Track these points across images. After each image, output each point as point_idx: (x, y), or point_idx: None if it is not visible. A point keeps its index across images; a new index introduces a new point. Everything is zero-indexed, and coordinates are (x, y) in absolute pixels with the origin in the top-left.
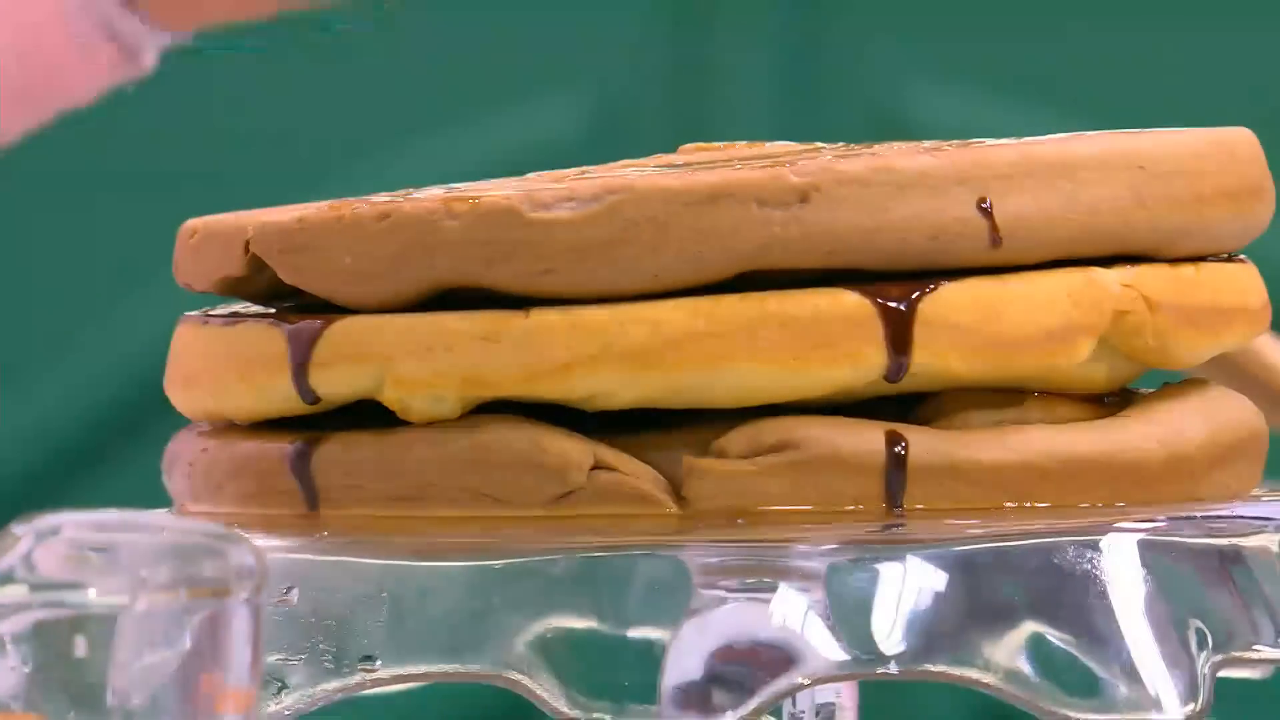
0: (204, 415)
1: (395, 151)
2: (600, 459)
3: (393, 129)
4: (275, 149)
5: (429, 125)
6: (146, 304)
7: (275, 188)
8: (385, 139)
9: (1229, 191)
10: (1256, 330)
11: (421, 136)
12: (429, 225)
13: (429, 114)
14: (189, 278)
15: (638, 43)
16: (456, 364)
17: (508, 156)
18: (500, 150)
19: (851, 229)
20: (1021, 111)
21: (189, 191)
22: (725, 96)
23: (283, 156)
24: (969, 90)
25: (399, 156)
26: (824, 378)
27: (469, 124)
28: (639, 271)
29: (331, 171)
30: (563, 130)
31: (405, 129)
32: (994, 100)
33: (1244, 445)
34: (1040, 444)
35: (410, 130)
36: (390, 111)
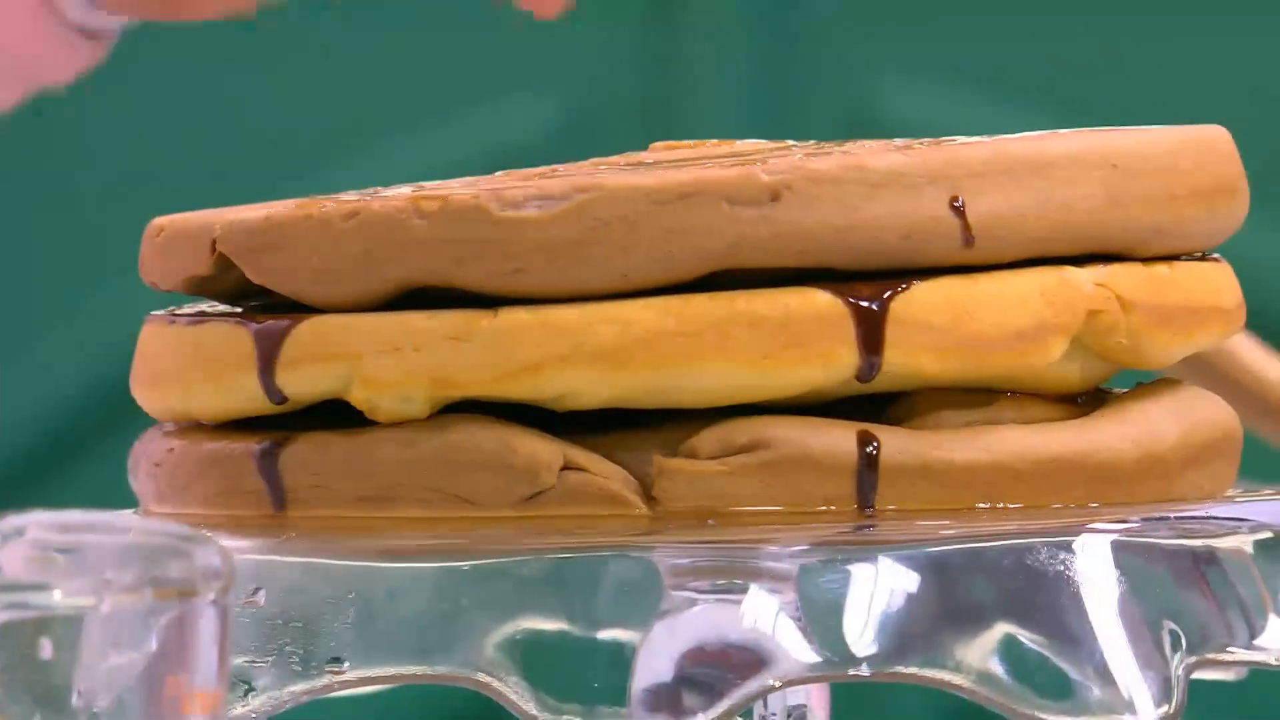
0: (170, 415)
1: (363, 150)
2: (570, 459)
3: (361, 128)
4: (243, 147)
5: (398, 124)
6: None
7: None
8: (354, 138)
9: (1203, 190)
10: (1230, 330)
11: (390, 135)
12: (397, 224)
13: (398, 112)
14: (155, 276)
15: (608, 40)
16: (425, 364)
17: (477, 155)
18: (469, 149)
19: (823, 228)
20: (995, 109)
21: (155, 189)
22: (696, 94)
23: (250, 155)
24: (942, 87)
25: (367, 155)
26: (795, 377)
27: (438, 122)
28: (609, 271)
29: (299, 170)
30: (532, 128)
31: (374, 127)
32: (968, 98)
33: (1218, 445)
34: (1013, 444)
35: (379, 129)
36: (359, 110)
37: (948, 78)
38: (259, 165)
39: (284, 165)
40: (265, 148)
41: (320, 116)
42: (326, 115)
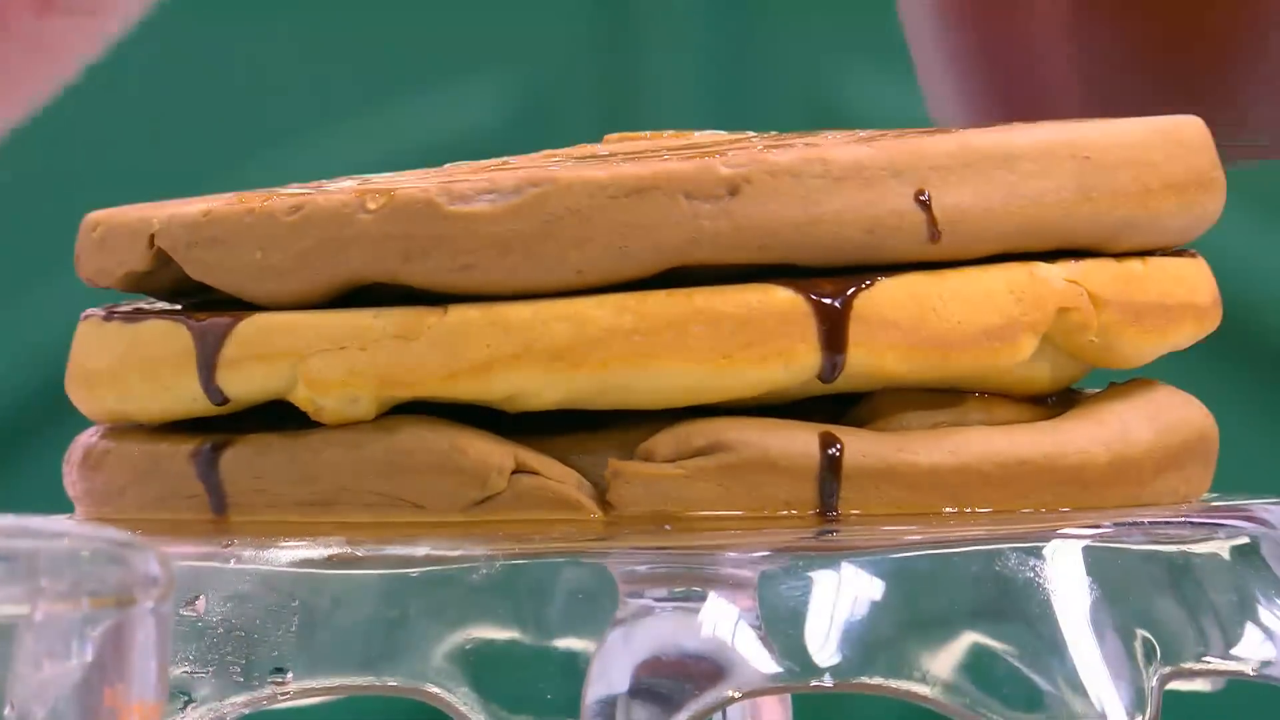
0: (107, 416)
1: (305, 139)
2: (522, 462)
3: (303, 115)
4: (179, 138)
5: (341, 111)
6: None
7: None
8: (295, 126)
9: (1177, 183)
10: (1206, 328)
11: (333, 123)
12: (342, 219)
13: (341, 99)
14: (91, 273)
15: (561, 25)
16: (371, 363)
17: (424, 145)
18: (416, 138)
19: (783, 222)
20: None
21: (90, 184)
22: (653, 81)
23: (187, 146)
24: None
25: (309, 145)
26: (755, 377)
27: (383, 110)
28: (562, 267)
29: (238, 161)
30: (482, 117)
31: (316, 115)
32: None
33: (1193, 448)
34: (980, 446)
35: (321, 116)
36: (300, 96)
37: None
38: (197, 157)
39: (221, 156)
40: (203, 138)
41: (257, 105)
42: (264, 103)
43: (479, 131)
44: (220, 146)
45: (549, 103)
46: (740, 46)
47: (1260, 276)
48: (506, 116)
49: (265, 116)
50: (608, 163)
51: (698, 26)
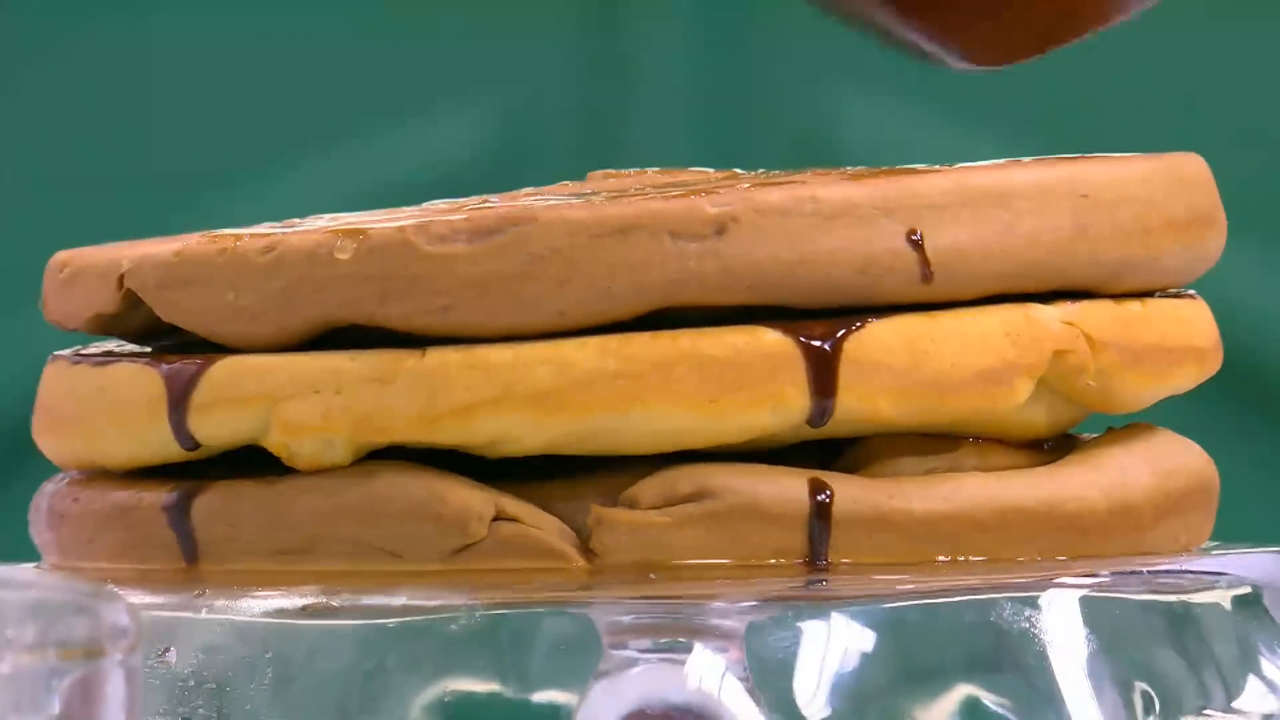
0: (75, 463)
1: (278, 175)
2: (502, 509)
3: (275, 149)
4: (148, 173)
5: (314, 145)
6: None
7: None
8: (266, 161)
9: (1178, 222)
10: (1206, 372)
11: (306, 157)
12: (317, 259)
13: (314, 132)
14: (59, 315)
15: (543, 56)
16: (347, 407)
17: (401, 181)
18: (393, 174)
19: (772, 263)
20: (957, 132)
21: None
22: (638, 114)
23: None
24: (901, 109)
25: (281, 181)
26: (743, 422)
27: (358, 144)
28: (544, 308)
29: (208, 198)
30: (461, 152)
31: (288, 149)
32: (927, 120)
33: (1194, 495)
34: (975, 493)
35: (294, 151)
36: (271, 130)
37: (906, 98)
38: (165, 194)
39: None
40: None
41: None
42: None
43: (458, 165)
44: (190, 182)
45: (530, 136)
46: (728, 79)
47: (1262, 318)
48: (486, 150)
49: (235, 151)
50: (591, 201)
51: (684, 59)
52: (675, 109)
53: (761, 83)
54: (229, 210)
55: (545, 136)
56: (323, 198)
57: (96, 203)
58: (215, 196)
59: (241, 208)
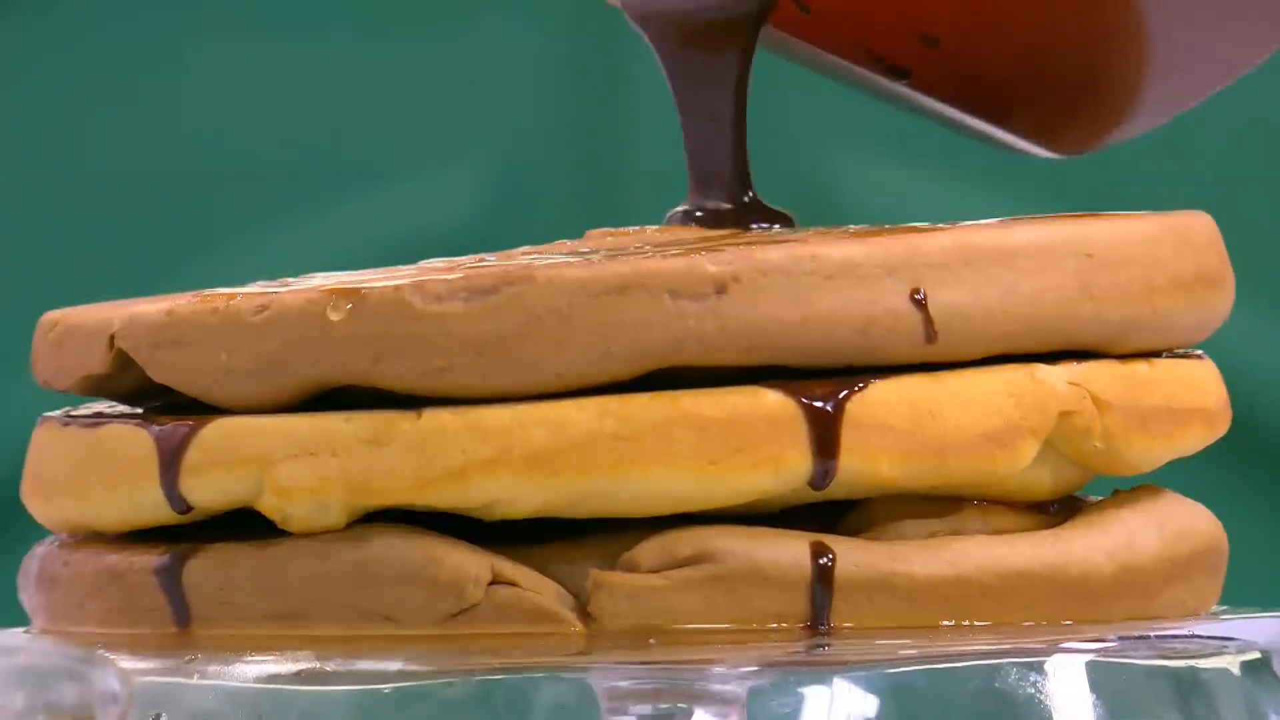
0: (65, 526)
1: (271, 234)
2: (499, 573)
3: (268, 208)
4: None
5: (308, 204)
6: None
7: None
8: (260, 220)
9: (1185, 281)
10: (1214, 433)
11: (300, 217)
12: (311, 319)
13: (308, 191)
14: (49, 375)
15: (539, 112)
16: (342, 469)
17: (396, 240)
18: (388, 233)
19: (773, 322)
20: (957, 190)
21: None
22: (636, 173)
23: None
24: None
25: (275, 240)
26: (743, 484)
27: (353, 202)
28: (541, 369)
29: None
30: (457, 210)
31: (282, 208)
32: (929, 176)
33: (1202, 558)
34: (979, 557)
35: (288, 209)
36: (264, 188)
37: (906, 156)
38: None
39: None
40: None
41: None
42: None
43: (454, 224)
44: (182, 241)
45: (527, 194)
46: None
47: (1272, 380)
48: (483, 208)
49: (229, 210)
50: (589, 260)
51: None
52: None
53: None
54: (222, 269)
55: (542, 194)
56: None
57: (88, 261)
58: (208, 255)
59: (234, 267)
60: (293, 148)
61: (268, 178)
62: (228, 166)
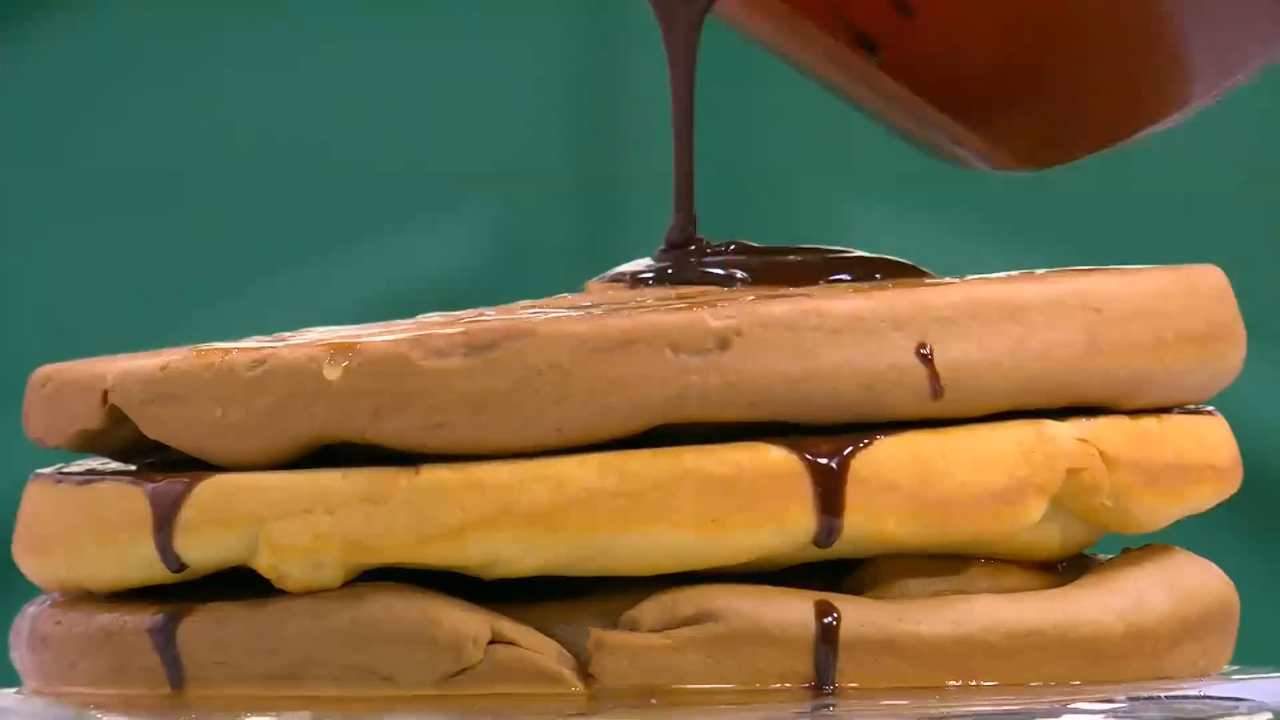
0: (57, 585)
1: (267, 288)
2: (498, 632)
3: (264, 261)
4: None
5: (304, 257)
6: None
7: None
8: (255, 273)
9: (1195, 335)
10: (1225, 491)
11: (296, 270)
12: (308, 374)
13: (304, 244)
14: (41, 432)
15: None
16: (338, 527)
17: (394, 294)
18: (386, 286)
19: (777, 378)
20: (964, 240)
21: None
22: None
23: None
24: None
25: (271, 294)
26: (747, 542)
27: (350, 256)
28: (541, 425)
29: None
30: (456, 264)
31: (277, 261)
32: (934, 226)
33: (1213, 618)
34: (986, 616)
35: (283, 263)
36: (260, 242)
37: (912, 204)
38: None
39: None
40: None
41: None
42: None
43: (452, 277)
44: (177, 295)
45: (527, 243)
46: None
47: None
48: (482, 261)
49: (224, 263)
50: (590, 314)
51: None
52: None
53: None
54: (216, 324)
55: (543, 243)
56: (314, 311)
57: (81, 316)
58: (202, 310)
59: (229, 321)
60: (287, 199)
61: (262, 230)
62: (221, 219)
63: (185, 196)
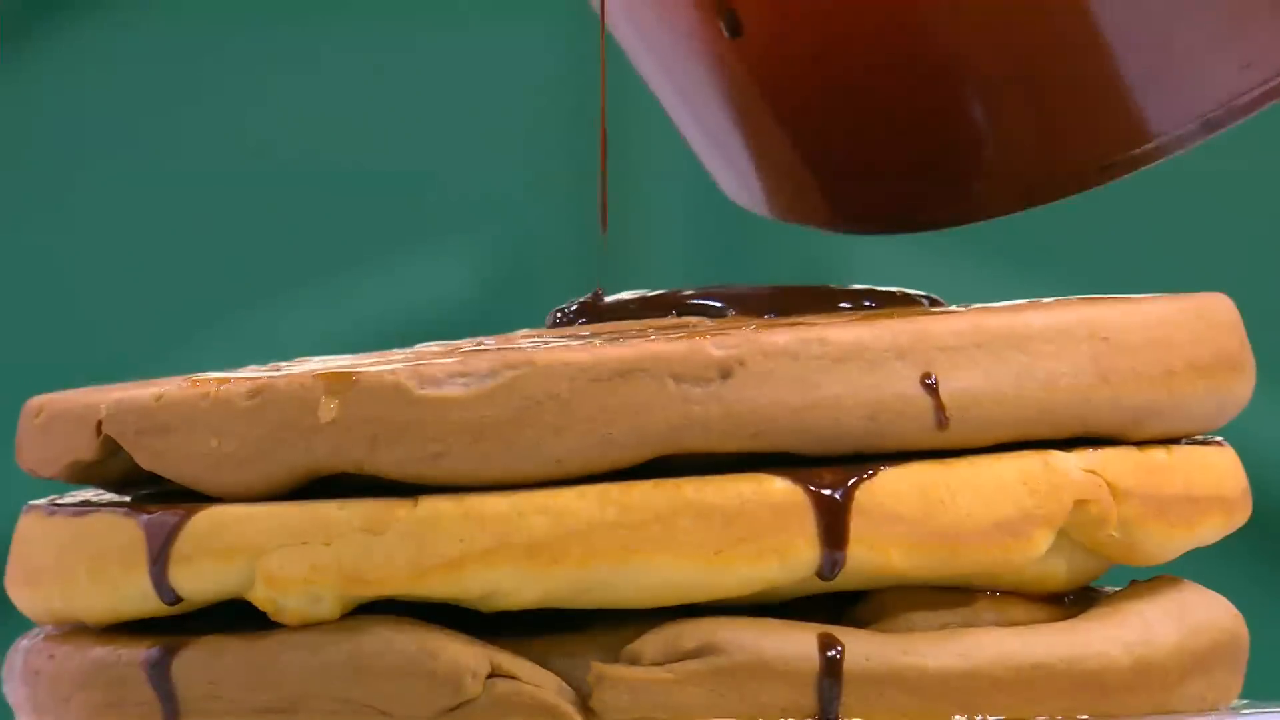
0: (50, 617)
1: (263, 317)
2: (498, 665)
3: (260, 290)
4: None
5: (301, 286)
6: None
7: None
8: (251, 303)
9: (1204, 365)
10: (1235, 522)
11: (293, 299)
12: (305, 404)
13: (301, 273)
14: (34, 463)
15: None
16: (336, 559)
17: (392, 322)
18: (383, 315)
19: (779, 408)
20: (970, 268)
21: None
22: (637, 252)
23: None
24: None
25: (267, 323)
26: (749, 575)
27: (347, 284)
28: (541, 455)
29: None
30: (454, 292)
31: (274, 290)
32: (939, 254)
33: (1222, 651)
34: (992, 649)
35: (280, 292)
36: (256, 271)
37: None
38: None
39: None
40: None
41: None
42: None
43: (450, 306)
44: (171, 323)
45: (526, 271)
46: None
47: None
48: (480, 289)
49: (220, 292)
50: (590, 343)
51: (685, 189)
52: (675, 244)
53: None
54: (212, 353)
55: (542, 271)
56: (310, 340)
57: (75, 345)
58: (197, 339)
59: (225, 350)
60: (284, 228)
61: (257, 259)
62: (217, 247)
63: (182, 224)
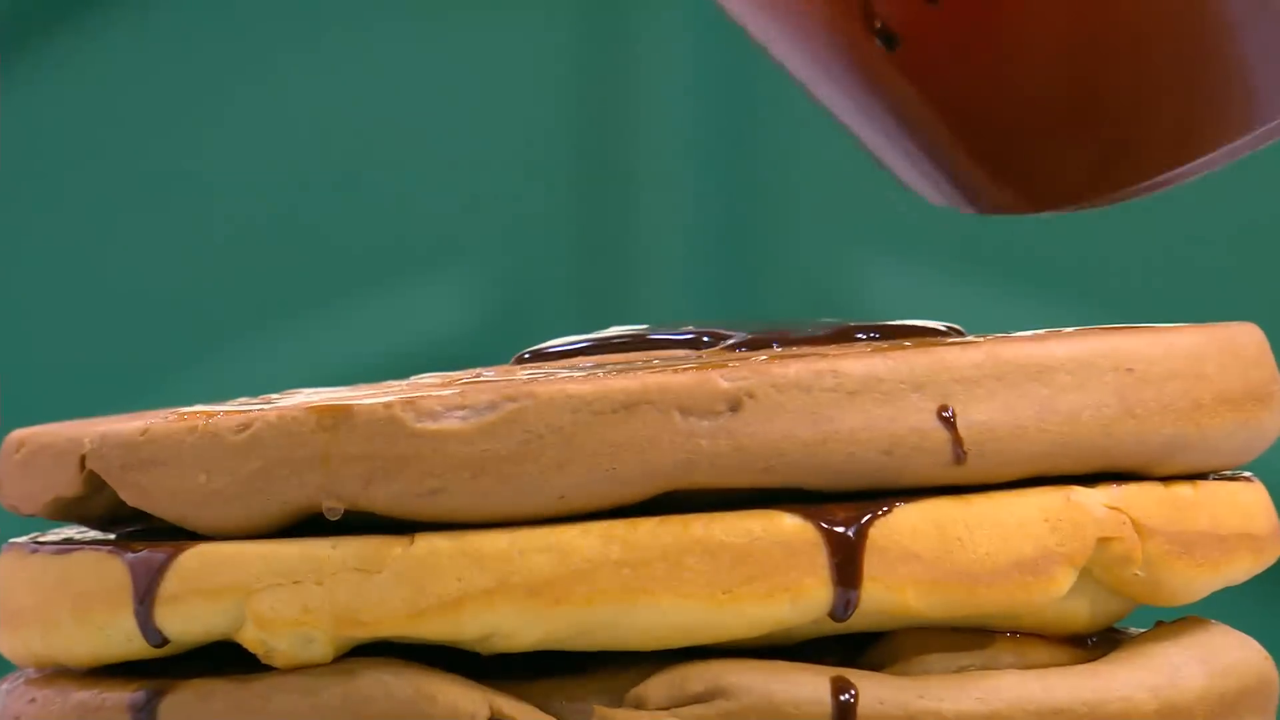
0: (32, 660)
1: (253, 349)
2: (497, 710)
3: (251, 321)
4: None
5: (294, 317)
6: None
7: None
8: (241, 334)
9: (1232, 398)
10: (1264, 561)
11: (285, 330)
12: (296, 438)
13: (294, 303)
14: (15, 499)
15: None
16: (329, 599)
17: (388, 354)
18: (379, 346)
19: (790, 442)
20: (989, 297)
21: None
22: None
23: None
24: (925, 271)
25: (257, 355)
26: (759, 615)
27: (342, 314)
28: (542, 491)
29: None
30: (452, 323)
31: (265, 321)
32: (956, 283)
33: (1250, 695)
34: (1012, 693)
35: (271, 323)
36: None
37: (932, 259)
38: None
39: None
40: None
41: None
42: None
43: (449, 336)
44: (158, 354)
45: (526, 305)
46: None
47: None
48: (479, 320)
49: (209, 324)
50: (594, 375)
51: (692, 215)
52: (678, 273)
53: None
54: (200, 385)
55: (539, 305)
56: (305, 371)
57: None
58: (185, 370)
59: (214, 382)
60: (278, 257)
61: (249, 288)
62: (207, 276)
63: (172, 253)
